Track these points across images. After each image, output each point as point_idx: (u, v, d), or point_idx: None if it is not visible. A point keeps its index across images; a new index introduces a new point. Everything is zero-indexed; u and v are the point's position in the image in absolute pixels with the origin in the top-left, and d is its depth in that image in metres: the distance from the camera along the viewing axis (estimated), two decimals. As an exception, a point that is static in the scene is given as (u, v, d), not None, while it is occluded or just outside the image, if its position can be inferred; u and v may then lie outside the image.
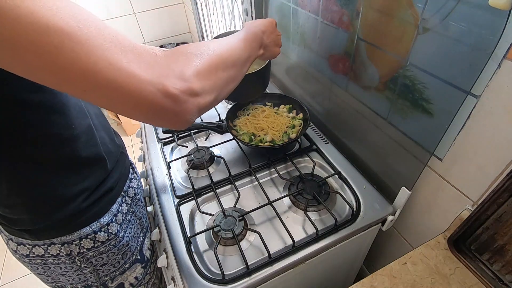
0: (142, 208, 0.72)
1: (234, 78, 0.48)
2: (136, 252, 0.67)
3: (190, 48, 0.41)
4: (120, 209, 0.61)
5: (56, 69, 0.28)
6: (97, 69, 0.30)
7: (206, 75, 0.39)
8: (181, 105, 0.36)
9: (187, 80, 0.36)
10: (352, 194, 0.72)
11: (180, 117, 0.37)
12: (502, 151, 0.48)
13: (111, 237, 0.58)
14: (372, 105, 0.69)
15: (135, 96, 0.32)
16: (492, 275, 0.52)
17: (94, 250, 0.57)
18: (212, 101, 0.41)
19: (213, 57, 0.41)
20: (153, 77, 0.33)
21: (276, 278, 0.59)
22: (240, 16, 1.41)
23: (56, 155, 0.47)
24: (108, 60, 0.30)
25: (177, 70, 0.36)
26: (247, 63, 0.53)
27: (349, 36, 0.68)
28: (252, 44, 0.55)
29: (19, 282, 1.51)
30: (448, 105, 0.51)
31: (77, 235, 0.54)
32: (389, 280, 0.54)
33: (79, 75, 0.29)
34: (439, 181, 0.62)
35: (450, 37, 0.47)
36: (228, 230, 0.64)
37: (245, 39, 0.53)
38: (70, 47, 0.28)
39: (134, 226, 0.66)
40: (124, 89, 0.32)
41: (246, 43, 0.53)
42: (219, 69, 0.42)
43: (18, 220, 0.51)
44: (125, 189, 0.64)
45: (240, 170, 0.79)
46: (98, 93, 0.31)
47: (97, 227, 0.56)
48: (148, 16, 2.37)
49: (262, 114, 0.87)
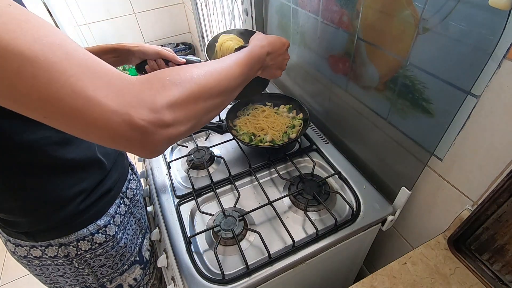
0: (141, 209, 0.71)
1: (219, 106, 0.44)
2: (135, 253, 0.67)
3: (171, 74, 0.37)
4: (118, 211, 0.61)
5: (16, 95, 0.27)
6: (59, 96, 0.28)
7: (182, 106, 0.36)
8: (148, 136, 0.33)
9: (157, 111, 0.33)
10: (352, 194, 0.72)
11: (147, 148, 0.35)
12: (502, 151, 0.48)
13: (109, 239, 0.58)
14: (372, 105, 0.69)
15: (99, 126, 0.31)
16: (492, 275, 0.52)
17: (92, 252, 0.57)
18: (187, 130, 0.38)
19: (194, 86, 0.38)
20: (120, 106, 0.31)
21: (276, 278, 0.59)
22: (240, 16, 1.41)
23: (50, 159, 0.46)
24: (71, 87, 0.28)
25: (148, 100, 0.33)
26: (240, 88, 0.48)
27: (349, 36, 0.68)
28: (253, 67, 0.51)
29: (19, 282, 1.51)
30: (448, 105, 0.51)
31: (74, 237, 0.54)
32: (389, 280, 0.54)
33: (40, 102, 0.28)
34: (439, 181, 0.62)
35: (450, 37, 0.47)
36: (228, 230, 0.64)
37: (245, 64, 0.49)
38: (31, 73, 0.26)
39: (132, 228, 0.66)
40: (87, 118, 0.30)
41: (245, 68, 0.48)
42: (199, 99, 0.38)
43: (15, 223, 0.51)
44: (123, 190, 0.63)
45: (240, 170, 0.79)
46: (60, 120, 0.30)
47: (94, 229, 0.55)
48: (148, 16, 2.37)
49: (262, 114, 0.87)
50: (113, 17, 2.25)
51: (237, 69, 0.46)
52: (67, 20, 2.12)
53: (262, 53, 0.55)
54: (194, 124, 0.39)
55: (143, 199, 0.77)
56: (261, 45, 0.56)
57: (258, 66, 0.54)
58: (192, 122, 0.38)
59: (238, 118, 0.89)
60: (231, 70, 0.45)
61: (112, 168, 0.59)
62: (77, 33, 2.20)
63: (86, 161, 0.52)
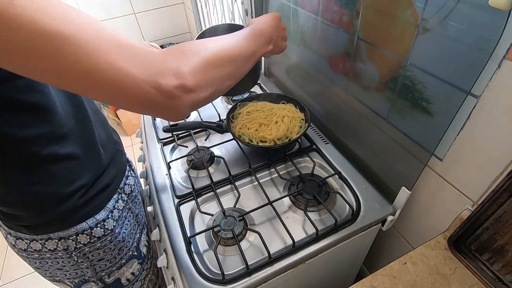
0: (138, 205, 0.72)
1: (233, 75, 0.48)
2: (133, 248, 0.68)
3: (188, 46, 0.42)
4: (116, 206, 0.62)
5: (59, 71, 0.30)
6: (96, 69, 0.31)
7: (201, 72, 0.40)
8: (175, 100, 0.38)
9: (182, 77, 0.38)
10: (352, 194, 0.72)
11: (175, 112, 0.39)
12: (502, 151, 0.48)
13: (107, 233, 0.59)
14: (372, 105, 0.69)
15: (131, 93, 0.34)
16: (492, 275, 0.52)
17: (91, 246, 0.58)
18: (207, 96, 0.42)
19: (209, 55, 0.42)
20: (149, 74, 0.35)
21: (276, 278, 0.59)
22: (240, 16, 1.41)
23: (47, 155, 0.47)
24: (106, 60, 0.32)
25: (172, 67, 0.37)
26: (251, 60, 0.53)
27: (349, 36, 0.68)
28: (258, 41, 0.55)
29: (19, 282, 1.51)
30: (448, 105, 0.51)
31: (73, 231, 0.55)
32: (389, 280, 0.54)
33: (80, 76, 0.31)
34: (439, 181, 0.62)
35: (450, 37, 0.47)
36: (228, 230, 0.64)
37: (249, 36, 0.53)
38: (71, 50, 0.30)
39: (130, 223, 0.67)
40: (121, 87, 0.34)
41: (250, 40, 0.53)
42: (216, 67, 0.43)
43: (16, 216, 0.52)
44: (121, 186, 0.64)
45: (240, 170, 0.79)
46: (98, 91, 0.34)
47: (93, 223, 0.57)
48: (148, 16, 2.37)
49: (262, 113, 0.86)
50: (113, 17, 2.25)
51: (243, 41, 0.51)
52: (67, 20, 2.12)
53: (265, 28, 0.58)
54: (213, 91, 0.43)
55: (141, 196, 0.77)
56: (261, 22, 0.59)
57: (265, 39, 0.57)
58: (211, 89, 0.43)
59: (238, 118, 0.89)
60: (239, 41, 0.50)
61: (109, 164, 0.60)
62: (77, 33, 2.20)
63: (82, 155, 0.53)
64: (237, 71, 0.49)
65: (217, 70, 0.43)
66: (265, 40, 0.57)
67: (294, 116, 0.84)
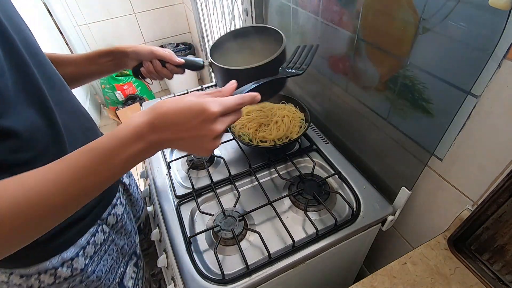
0: (124, 236, 0.64)
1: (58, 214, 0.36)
2: (115, 285, 0.61)
3: None
4: (92, 240, 0.54)
5: None
6: None
7: None
8: None
9: None
10: (352, 194, 0.72)
11: None
12: (502, 151, 0.48)
13: (76, 273, 0.52)
14: (372, 105, 0.69)
15: None
16: (492, 275, 0.52)
17: (56, 286, 0.51)
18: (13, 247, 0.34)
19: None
20: None
21: (276, 278, 0.59)
22: (240, 16, 1.41)
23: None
24: None
25: None
26: (103, 186, 0.39)
27: (349, 36, 0.68)
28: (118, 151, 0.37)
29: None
30: (448, 105, 0.51)
31: (35, 270, 0.48)
32: (389, 280, 0.54)
33: None
34: (439, 181, 0.62)
35: (450, 37, 0.47)
36: (228, 230, 0.64)
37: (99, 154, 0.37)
38: None
39: (112, 257, 0.60)
40: None
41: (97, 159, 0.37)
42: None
43: None
44: (103, 216, 0.57)
45: (240, 170, 0.79)
46: None
47: (58, 262, 0.49)
48: (148, 16, 2.37)
49: (262, 113, 0.86)
50: (113, 17, 2.25)
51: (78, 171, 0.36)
52: (67, 20, 2.12)
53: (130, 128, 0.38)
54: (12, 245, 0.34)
55: (133, 221, 0.69)
56: (140, 115, 0.40)
57: (132, 141, 0.38)
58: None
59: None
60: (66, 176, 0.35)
61: None
62: (77, 33, 2.21)
63: None
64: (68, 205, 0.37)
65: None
66: (132, 142, 0.38)
67: (294, 116, 0.85)
